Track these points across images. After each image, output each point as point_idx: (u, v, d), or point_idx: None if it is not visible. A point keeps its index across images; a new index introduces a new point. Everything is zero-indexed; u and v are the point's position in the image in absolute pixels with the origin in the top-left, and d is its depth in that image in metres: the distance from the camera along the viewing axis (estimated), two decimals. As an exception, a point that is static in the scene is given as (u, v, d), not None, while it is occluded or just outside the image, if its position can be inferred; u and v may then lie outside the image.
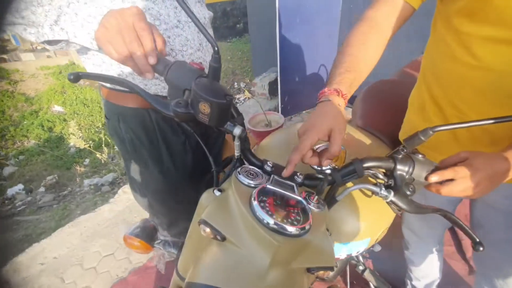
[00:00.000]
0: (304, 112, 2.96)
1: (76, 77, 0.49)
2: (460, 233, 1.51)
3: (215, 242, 0.45)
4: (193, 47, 0.80)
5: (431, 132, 0.50)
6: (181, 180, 0.93)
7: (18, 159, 4.94)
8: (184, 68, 0.53)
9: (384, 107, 1.23)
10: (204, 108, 0.49)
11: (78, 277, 1.57)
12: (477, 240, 0.54)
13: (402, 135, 0.91)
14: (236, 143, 0.57)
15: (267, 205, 0.45)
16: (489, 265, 0.86)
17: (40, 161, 5.63)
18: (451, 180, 0.52)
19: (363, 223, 0.64)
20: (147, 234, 0.64)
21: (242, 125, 0.56)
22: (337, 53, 0.70)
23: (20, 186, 4.47)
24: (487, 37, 0.57)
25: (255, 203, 0.44)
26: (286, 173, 0.55)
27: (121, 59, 0.52)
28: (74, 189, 4.11)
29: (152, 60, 0.52)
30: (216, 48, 0.48)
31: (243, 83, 5.09)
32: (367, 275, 1.16)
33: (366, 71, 0.66)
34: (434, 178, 0.52)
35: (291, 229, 0.43)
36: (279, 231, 0.42)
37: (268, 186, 0.50)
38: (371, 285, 1.20)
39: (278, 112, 2.62)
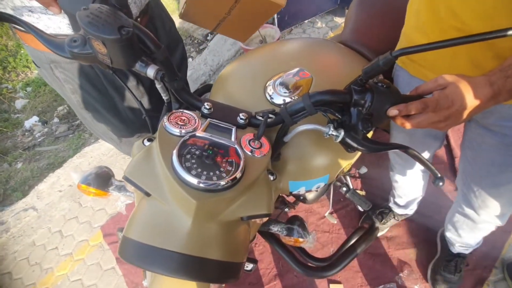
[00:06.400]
0: (306, 21, 2.62)
1: None
2: (456, 151, 1.48)
3: (145, 197, 0.45)
4: None
5: (391, 57, 0.41)
6: (145, 124, 0.88)
7: (26, 91, 5.00)
8: None
9: (383, 17, 1.04)
10: (99, 46, 0.38)
11: (93, 201, 1.75)
12: (438, 175, 0.51)
13: None
14: (158, 86, 0.49)
15: (191, 158, 0.42)
16: (471, 185, 0.85)
17: (48, 91, 5.67)
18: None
19: (320, 161, 0.61)
20: (101, 181, 0.65)
21: (166, 60, 0.45)
22: None
23: (35, 118, 4.63)
24: None
25: (175, 159, 0.41)
26: None
27: None
28: (85, 118, 4.26)
29: None
30: None
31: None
32: (350, 195, 1.20)
33: None
34: (392, 112, 0.45)
35: (217, 182, 0.40)
36: (202, 188, 0.40)
37: (197, 134, 0.45)
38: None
39: (274, 24, 2.33)
